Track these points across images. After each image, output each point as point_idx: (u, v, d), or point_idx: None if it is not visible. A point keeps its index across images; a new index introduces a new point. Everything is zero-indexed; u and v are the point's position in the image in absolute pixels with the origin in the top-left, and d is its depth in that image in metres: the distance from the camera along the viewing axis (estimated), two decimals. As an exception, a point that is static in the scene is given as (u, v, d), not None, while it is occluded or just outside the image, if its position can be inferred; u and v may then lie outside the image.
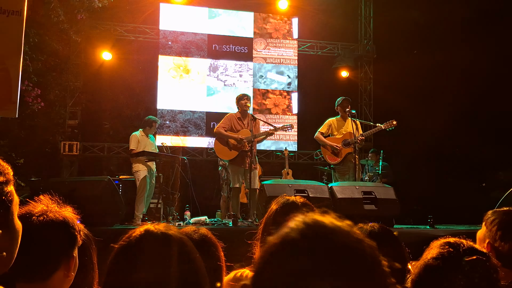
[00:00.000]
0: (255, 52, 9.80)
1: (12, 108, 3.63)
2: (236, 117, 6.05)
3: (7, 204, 0.94)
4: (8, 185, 0.96)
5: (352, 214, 4.33)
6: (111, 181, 5.08)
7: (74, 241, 1.26)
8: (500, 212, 1.80)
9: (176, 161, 6.73)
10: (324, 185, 5.38)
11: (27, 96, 7.79)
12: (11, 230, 0.96)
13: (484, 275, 1.12)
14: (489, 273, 1.13)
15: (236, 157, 5.88)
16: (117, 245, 1.03)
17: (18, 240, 1.00)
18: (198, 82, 9.41)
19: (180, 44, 9.40)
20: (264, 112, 9.60)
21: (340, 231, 0.68)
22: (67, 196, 1.35)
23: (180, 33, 9.43)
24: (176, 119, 9.20)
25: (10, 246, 0.96)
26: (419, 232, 5.03)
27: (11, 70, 3.58)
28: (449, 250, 1.18)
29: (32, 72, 7.93)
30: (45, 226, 1.21)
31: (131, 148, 6.44)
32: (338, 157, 6.10)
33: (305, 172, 9.25)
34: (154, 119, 6.82)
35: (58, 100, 9.10)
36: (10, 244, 0.96)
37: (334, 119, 6.30)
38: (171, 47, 9.37)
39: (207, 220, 5.91)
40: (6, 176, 0.96)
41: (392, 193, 5.28)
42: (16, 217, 0.99)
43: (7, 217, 0.95)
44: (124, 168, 8.20)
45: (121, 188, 7.19)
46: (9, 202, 0.95)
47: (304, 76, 10.12)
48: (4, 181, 0.95)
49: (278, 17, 10.02)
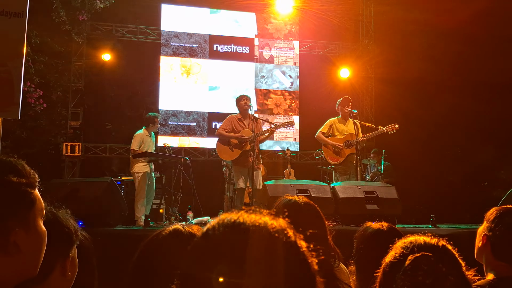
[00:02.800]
0: (257, 52, 9.81)
1: (15, 110, 3.64)
2: (236, 118, 6.05)
3: (28, 206, 0.95)
4: (31, 188, 0.97)
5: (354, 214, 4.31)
6: (113, 182, 5.08)
7: (69, 240, 1.25)
8: (501, 208, 1.80)
9: (178, 161, 6.73)
10: (326, 185, 5.37)
11: (29, 97, 7.81)
12: (34, 233, 0.97)
13: (430, 272, 1.06)
14: (435, 268, 1.07)
15: (238, 157, 5.88)
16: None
17: (44, 243, 1.01)
18: (200, 83, 9.42)
19: (181, 45, 9.41)
20: (265, 112, 9.59)
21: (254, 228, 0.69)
22: (70, 197, 1.36)
23: (182, 34, 9.45)
24: (177, 119, 9.21)
25: (36, 249, 0.98)
26: (421, 232, 5.01)
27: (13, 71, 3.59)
28: (402, 251, 1.15)
29: (34, 73, 7.96)
30: None
31: (133, 148, 6.43)
32: (340, 157, 6.10)
33: (307, 172, 9.23)
34: (155, 114, 6.82)
35: (60, 101, 9.13)
36: (35, 247, 0.97)
37: (335, 119, 6.30)
38: (173, 47, 9.38)
39: (209, 221, 5.89)
40: (29, 179, 0.97)
41: (394, 193, 5.27)
42: (39, 221, 1.00)
43: (29, 219, 0.96)
44: (126, 169, 8.20)
45: (123, 189, 7.20)
46: (32, 204, 0.96)
47: (306, 76, 10.12)
48: (26, 183, 0.96)
49: (280, 17, 10.03)
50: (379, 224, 1.87)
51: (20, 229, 0.94)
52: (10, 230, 0.93)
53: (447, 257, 1.13)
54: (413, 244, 1.16)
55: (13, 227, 0.93)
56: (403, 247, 1.16)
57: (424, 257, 1.10)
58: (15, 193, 0.94)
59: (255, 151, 5.68)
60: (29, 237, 0.96)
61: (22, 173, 0.96)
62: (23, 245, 0.94)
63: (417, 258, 1.10)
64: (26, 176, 0.96)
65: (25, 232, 0.95)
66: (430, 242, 1.16)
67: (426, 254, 1.10)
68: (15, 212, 0.94)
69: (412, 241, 1.17)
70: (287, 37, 10.02)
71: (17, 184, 0.94)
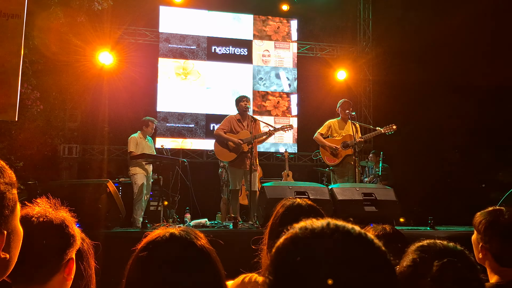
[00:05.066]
0: (255, 54, 9.81)
1: (12, 111, 3.62)
2: (235, 119, 6.05)
3: (11, 207, 0.94)
4: (13, 189, 0.96)
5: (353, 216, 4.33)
6: (111, 184, 5.06)
7: (74, 242, 1.26)
8: (484, 212, 1.79)
9: (176, 163, 6.72)
10: (324, 187, 5.37)
11: (26, 99, 7.78)
12: (14, 233, 0.96)
13: (457, 278, 1.07)
14: (461, 274, 1.08)
15: (235, 158, 5.88)
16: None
17: (20, 244, 0.99)
18: (198, 84, 9.42)
19: (179, 47, 9.41)
20: (264, 114, 9.60)
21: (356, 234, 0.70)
22: (67, 199, 1.35)
23: (180, 36, 9.45)
24: (176, 121, 9.20)
25: (13, 250, 0.96)
26: (420, 234, 5.02)
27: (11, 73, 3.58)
28: (421, 255, 1.14)
29: (32, 75, 7.93)
30: (45, 227, 1.21)
31: (130, 151, 6.44)
32: (337, 158, 6.10)
33: (305, 174, 9.24)
34: (150, 119, 6.84)
35: (58, 103, 9.09)
36: (13, 248, 0.96)
37: (334, 120, 6.31)
38: (171, 49, 9.37)
39: (207, 223, 5.89)
40: (10, 179, 0.96)
41: (392, 195, 5.27)
42: (18, 221, 0.99)
43: (11, 220, 0.95)
44: (123, 171, 8.18)
45: (121, 191, 7.18)
46: (14, 205, 0.95)
47: (304, 78, 10.13)
48: (9, 183, 0.95)
49: (278, 19, 10.04)
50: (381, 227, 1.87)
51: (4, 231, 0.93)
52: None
53: (468, 262, 1.13)
54: (431, 248, 1.15)
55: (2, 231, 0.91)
56: (422, 250, 1.15)
57: (450, 263, 1.09)
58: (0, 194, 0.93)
59: (253, 153, 5.68)
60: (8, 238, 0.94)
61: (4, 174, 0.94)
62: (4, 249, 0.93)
63: (444, 264, 1.09)
64: (7, 177, 0.95)
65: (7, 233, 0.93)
66: (449, 246, 1.16)
67: (452, 260, 1.10)
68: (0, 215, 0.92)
69: (430, 245, 1.16)
70: (285, 39, 10.03)
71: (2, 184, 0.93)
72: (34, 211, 1.24)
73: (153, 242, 1.11)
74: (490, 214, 1.75)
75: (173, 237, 1.12)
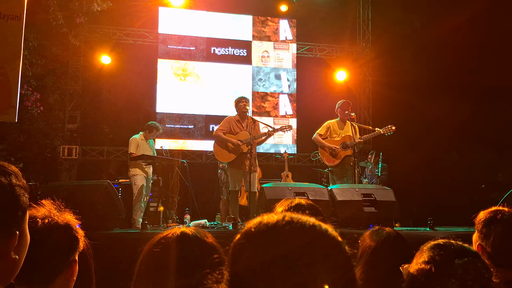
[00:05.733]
0: (254, 55, 9.82)
1: (12, 113, 3.63)
2: (235, 120, 6.05)
3: (24, 210, 0.95)
4: (26, 193, 0.97)
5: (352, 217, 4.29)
6: (111, 185, 5.07)
7: (78, 244, 1.27)
8: (485, 211, 1.81)
9: (176, 164, 6.72)
10: (324, 187, 5.37)
11: (26, 101, 7.79)
12: (23, 236, 0.97)
13: (477, 277, 1.10)
14: (481, 273, 1.11)
15: (235, 159, 5.88)
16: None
17: (27, 247, 1.00)
18: (197, 85, 9.42)
19: (179, 48, 9.42)
20: (263, 115, 9.60)
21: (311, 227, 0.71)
22: (67, 200, 1.36)
23: (179, 37, 9.45)
24: (175, 122, 9.20)
25: (21, 252, 0.97)
26: (419, 234, 5.02)
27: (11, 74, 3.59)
28: (440, 253, 1.16)
29: (32, 77, 7.94)
30: (51, 229, 1.22)
31: (131, 152, 6.44)
32: (336, 159, 6.10)
33: (304, 175, 9.25)
34: (155, 125, 6.74)
35: (57, 104, 9.10)
36: (21, 250, 0.97)
37: (333, 121, 6.30)
38: (170, 50, 9.38)
39: (207, 223, 5.90)
40: (24, 184, 0.97)
41: (391, 195, 5.27)
42: (27, 225, 1.00)
43: (23, 222, 0.96)
44: (123, 172, 8.19)
45: (120, 192, 7.17)
46: (26, 208, 0.97)
47: (303, 79, 10.13)
48: (24, 187, 0.96)
49: (277, 20, 10.05)
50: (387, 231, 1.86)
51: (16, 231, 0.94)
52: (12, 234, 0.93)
53: (483, 262, 1.16)
54: (449, 247, 1.17)
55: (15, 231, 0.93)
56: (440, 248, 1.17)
57: (472, 262, 1.12)
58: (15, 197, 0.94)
59: (253, 154, 5.68)
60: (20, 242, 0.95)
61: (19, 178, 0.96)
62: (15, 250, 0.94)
63: (466, 262, 1.12)
64: (22, 181, 0.96)
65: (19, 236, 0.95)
66: (465, 246, 1.19)
67: (472, 259, 1.13)
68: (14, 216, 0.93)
69: (447, 244, 1.18)
70: (285, 40, 10.04)
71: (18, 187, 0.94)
72: (39, 212, 1.24)
73: (165, 238, 1.23)
74: (490, 213, 1.77)
75: (184, 234, 1.24)
